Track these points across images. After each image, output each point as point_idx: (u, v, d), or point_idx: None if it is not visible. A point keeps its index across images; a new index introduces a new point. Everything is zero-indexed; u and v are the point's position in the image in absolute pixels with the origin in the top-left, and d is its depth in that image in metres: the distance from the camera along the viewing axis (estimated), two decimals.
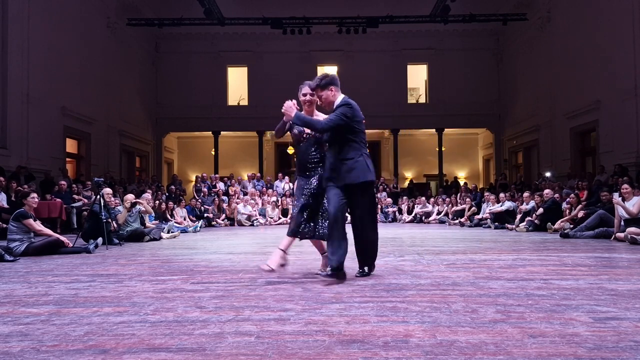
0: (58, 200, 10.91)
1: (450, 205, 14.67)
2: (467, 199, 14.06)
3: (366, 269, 4.01)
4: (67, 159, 15.76)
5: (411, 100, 23.04)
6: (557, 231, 9.03)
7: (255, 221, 14.16)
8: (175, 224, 11.08)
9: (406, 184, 21.36)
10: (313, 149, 3.99)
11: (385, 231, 10.74)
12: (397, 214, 15.94)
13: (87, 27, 16.32)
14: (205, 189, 15.81)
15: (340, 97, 3.96)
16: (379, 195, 16.39)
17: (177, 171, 22.94)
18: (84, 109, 15.95)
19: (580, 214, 9.12)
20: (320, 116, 4.06)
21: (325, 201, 3.92)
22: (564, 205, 10.24)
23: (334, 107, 3.92)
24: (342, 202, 3.81)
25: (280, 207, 14.76)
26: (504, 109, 21.69)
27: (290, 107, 3.78)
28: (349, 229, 3.92)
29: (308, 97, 4.00)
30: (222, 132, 22.05)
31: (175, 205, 12.83)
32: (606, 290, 3.28)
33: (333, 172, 3.86)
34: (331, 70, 21.99)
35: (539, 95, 18.54)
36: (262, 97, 21.27)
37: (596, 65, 14.35)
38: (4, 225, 7.95)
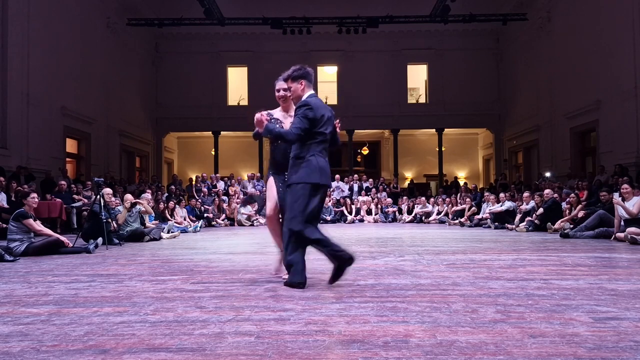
0: (58, 200, 10.90)
1: (450, 205, 14.67)
2: (467, 199, 14.06)
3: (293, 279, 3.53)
4: (67, 159, 15.76)
5: (411, 100, 23.04)
6: (557, 231, 9.03)
7: (255, 221, 14.15)
8: (175, 224, 11.07)
9: (406, 184, 21.35)
10: (290, 147, 3.86)
11: (385, 231, 10.74)
12: (397, 214, 15.93)
13: (87, 27, 16.33)
14: (205, 189, 15.81)
15: (307, 93, 3.76)
16: (378, 195, 16.39)
17: (177, 171, 22.94)
18: (84, 109, 15.96)
19: (580, 214, 9.12)
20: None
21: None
22: (564, 205, 10.24)
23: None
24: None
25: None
26: (504, 109, 21.69)
27: (260, 121, 3.66)
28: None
29: (282, 93, 3.96)
30: (222, 132, 22.05)
31: (176, 205, 12.83)
32: (606, 290, 3.28)
33: (288, 170, 3.73)
34: (331, 70, 22.02)
35: (539, 95, 18.55)
36: (262, 97, 21.19)
37: (596, 65, 14.35)
38: (4, 225, 7.95)
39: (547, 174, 16.57)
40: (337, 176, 16.90)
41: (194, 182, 16.76)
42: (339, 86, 21.83)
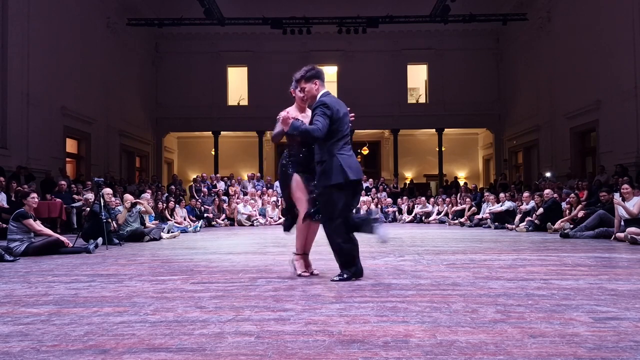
0: (58, 200, 10.91)
1: (450, 205, 14.68)
2: (467, 199, 14.06)
3: (344, 274, 3.73)
4: (67, 159, 15.76)
5: (411, 100, 23.04)
6: (557, 231, 9.03)
7: (255, 221, 14.16)
8: (175, 224, 11.08)
9: (406, 184, 21.36)
10: (300, 150, 3.99)
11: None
12: (397, 214, 15.93)
13: (87, 27, 16.33)
14: (205, 189, 15.81)
15: (321, 92, 3.85)
16: (379, 195, 16.39)
17: (177, 171, 22.95)
18: (84, 109, 15.96)
19: (580, 214, 9.12)
20: (309, 112, 4.01)
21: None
22: (564, 205, 10.24)
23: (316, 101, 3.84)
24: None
25: (280, 207, 14.75)
26: (504, 109, 21.69)
27: (287, 118, 3.73)
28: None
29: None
30: (222, 132, 22.05)
31: (176, 205, 12.84)
32: (606, 290, 3.28)
33: (318, 174, 3.81)
34: (331, 70, 22.02)
35: (539, 95, 18.55)
36: (262, 97, 21.27)
37: (596, 65, 14.34)
38: (4, 225, 7.95)
39: (547, 174, 16.57)
40: None
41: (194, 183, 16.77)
42: (339, 86, 21.81)
